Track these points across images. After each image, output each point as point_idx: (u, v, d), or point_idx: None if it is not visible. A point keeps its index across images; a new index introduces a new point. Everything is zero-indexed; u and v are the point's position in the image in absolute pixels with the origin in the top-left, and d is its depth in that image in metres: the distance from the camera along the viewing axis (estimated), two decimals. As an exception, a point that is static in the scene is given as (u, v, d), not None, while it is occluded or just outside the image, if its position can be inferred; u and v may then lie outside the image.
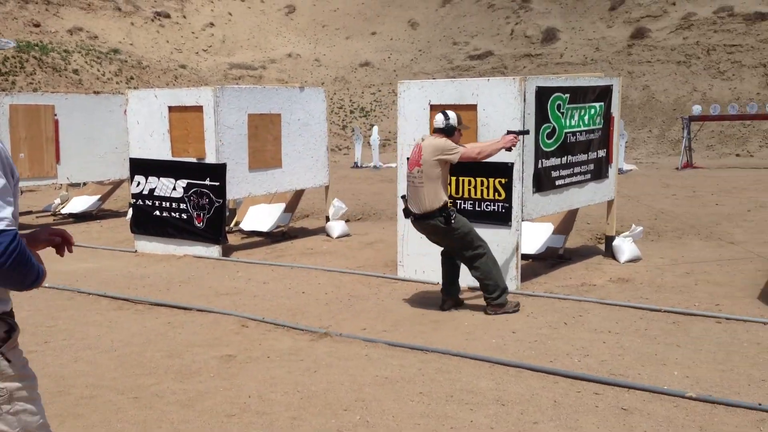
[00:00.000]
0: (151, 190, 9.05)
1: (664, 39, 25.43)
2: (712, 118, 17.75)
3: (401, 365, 5.02)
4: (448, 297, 6.38)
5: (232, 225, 10.76)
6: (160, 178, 8.96)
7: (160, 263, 8.51)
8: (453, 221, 6.05)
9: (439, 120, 6.14)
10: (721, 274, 7.26)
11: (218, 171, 8.59)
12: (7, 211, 2.14)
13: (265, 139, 9.15)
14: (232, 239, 9.91)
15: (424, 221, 6.13)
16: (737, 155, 18.78)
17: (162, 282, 7.58)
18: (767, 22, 23.64)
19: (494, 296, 6.14)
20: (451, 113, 6.14)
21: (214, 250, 8.79)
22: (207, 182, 8.66)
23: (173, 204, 8.91)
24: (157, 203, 9.03)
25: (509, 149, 6.22)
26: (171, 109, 8.82)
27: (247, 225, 10.35)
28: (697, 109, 17.51)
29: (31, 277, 2.21)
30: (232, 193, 8.92)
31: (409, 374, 4.83)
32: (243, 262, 8.57)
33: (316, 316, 6.25)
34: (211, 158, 8.62)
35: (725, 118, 17.89)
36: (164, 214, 8.98)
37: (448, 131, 6.11)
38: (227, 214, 10.99)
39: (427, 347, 5.34)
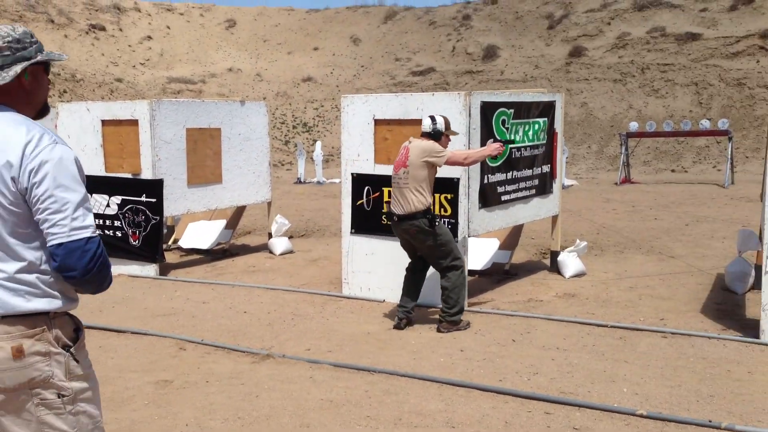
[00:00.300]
0: (84, 207, 8.65)
1: (601, 57, 26.04)
2: (649, 135, 18.17)
3: (347, 387, 4.84)
4: (405, 316, 6.23)
5: (170, 242, 10.42)
6: (93, 195, 8.57)
7: (92, 283, 8.12)
8: (437, 224, 5.98)
9: (427, 124, 6.07)
10: (664, 288, 7.31)
11: (155, 187, 8.27)
12: (91, 218, 2.29)
13: (204, 153, 8.88)
14: (171, 257, 9.58)
15: (407, 222, 5.99)
16: (672, 171, 19.26)
17: (94, 303, 7.20)
18: (698, 42, 24.44)
19: (452, 312, 6.03)
20: (438, 117, 6.09)
21: (151, 269, 8.46)
22: (143, 198, 8.33)
23: (107, 221, 8.54)
24: (90, 220, 8.63)
25: (494, 157, 6.29)
26: (104, 122, 8.48)
27: (186, 242, 10.03)
28: (634, 126, 17.90)
29: (108, 281, 2.34)
30: (170, 209, 8.61)
31: (356, 397, 4.65)
32: (181, 281, 8.26)
33: (258, 337, 6.02)
34: (147, 174, 8.31)
35: (661, 135, 18.35)
36: (97, 232, 8.58)
37: (435, 136, 6.05)
38: (165, 231, 10.66)
39: (374, 368, 5.17)
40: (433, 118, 6.07)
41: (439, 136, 6.05)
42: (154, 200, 8.30)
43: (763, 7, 24.68)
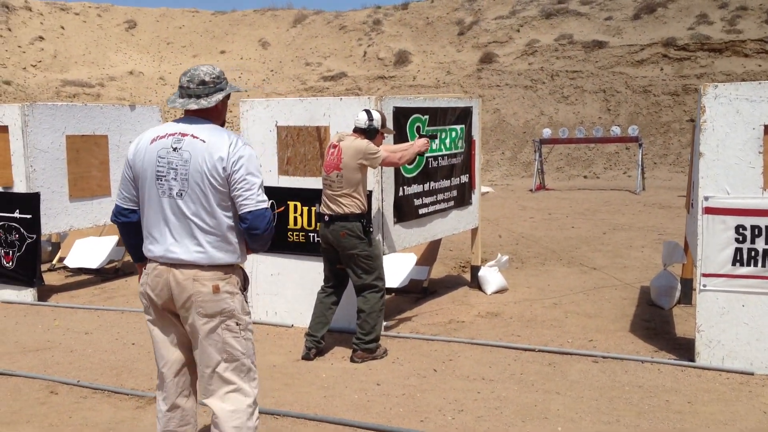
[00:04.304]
0: (-52, 225, 7.59)
1: (511, 64, 26.09)
2: (562, 141, 18.15)
3: (246, 437, 4.14)
4: (315, 345, 5.57)
5: (55, 261, 9.40)
6: (-42, 211, 7.53)
7: (-44, 313, 7.10)
8: (371, 232, 5.45)
9: (362, 119, 5.45)
10: (590, 304, 6.93)
11: (30, 202, 7.32)
12: (265, 196, 3.17)
13: (89, 163, 7.96)
14: (55, 278, 8.60)
15: (338, 223, 5.37)
16: (585, 177, 19.33)
17: (-46, 338, 6.24)
18: (604, 50, 24.80)
19: (366, 339, 5.43)
20: (375, 113, 5.48)
21: (28, 294, 7.49)
22: (16, 215, 7.37)
23: (-25, 241, 7.51)
24: (-46, 240, 7.59)
25: (422, 153, 5.95)
26: (-30, 129, 7.46)
27: (72, 261, 9.03)
28: (547, 133, 17.83)
29: (270, 242, 3.25)
30: (49, 226, 7.65)
31: (256, 451, 3.96)
32: (62, 307, 7.34)
33: (146, 375, 5.25)
34: (20, 187, 7.35)
35: (573, 141, 18.35)
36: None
37: (370, 133, 5.44)
38: (50, 248, 9.63)
39: (279, 411, 4.51)
40: (369, 112, 5.46)
41: (374, 133, 5.46)
42: (29, 216, 7.36)
43: (665, 17, 25.32)
